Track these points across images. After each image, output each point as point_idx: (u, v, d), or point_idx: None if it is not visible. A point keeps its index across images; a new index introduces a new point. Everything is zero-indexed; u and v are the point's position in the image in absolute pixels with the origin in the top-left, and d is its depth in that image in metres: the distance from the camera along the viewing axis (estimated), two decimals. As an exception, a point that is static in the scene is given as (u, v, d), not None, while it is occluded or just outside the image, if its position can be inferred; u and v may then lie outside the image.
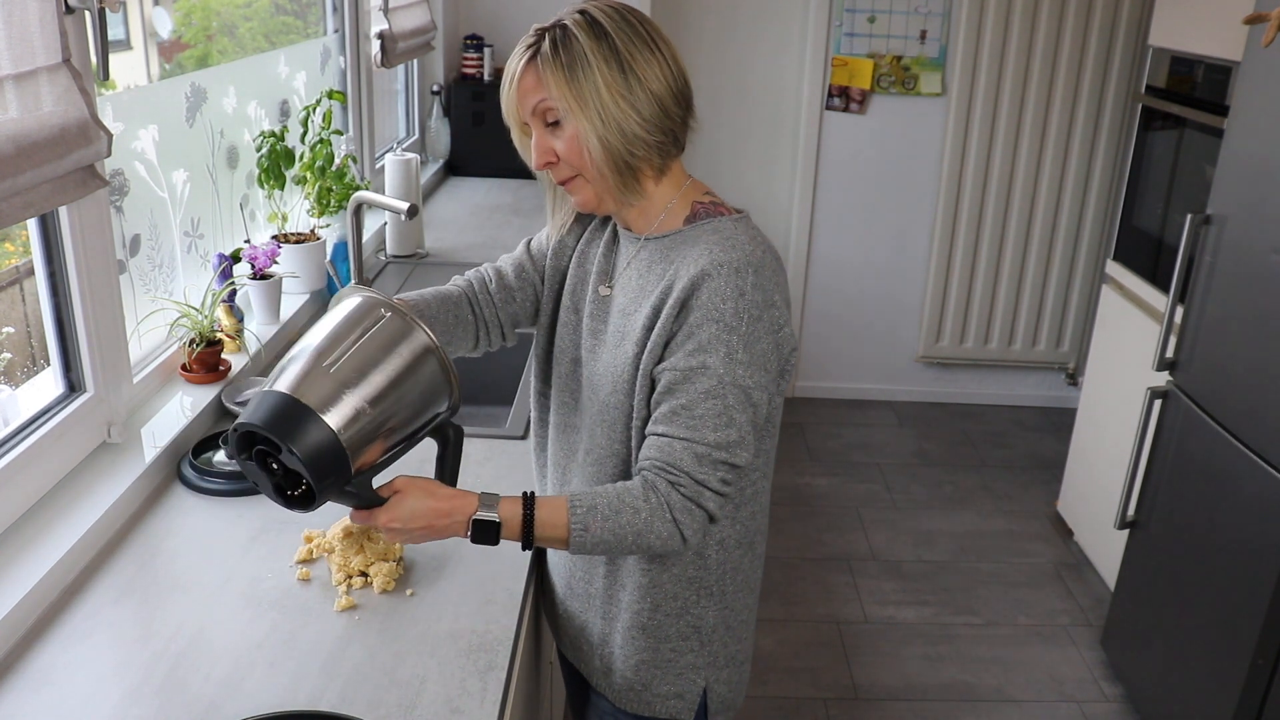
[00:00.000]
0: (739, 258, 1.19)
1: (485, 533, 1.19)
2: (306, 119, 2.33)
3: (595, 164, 1.20)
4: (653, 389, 1.23)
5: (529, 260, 1.45)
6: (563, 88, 1.18)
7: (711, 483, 1.19)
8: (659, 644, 1.35)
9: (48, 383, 1.56)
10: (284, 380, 1.11)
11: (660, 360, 1.21)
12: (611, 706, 1.42)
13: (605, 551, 1.22)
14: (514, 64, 1.22)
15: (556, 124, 1.21)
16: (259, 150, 2.20)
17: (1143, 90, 3.00)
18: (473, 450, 1.72)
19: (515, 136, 1.28)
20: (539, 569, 1.55)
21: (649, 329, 1.22)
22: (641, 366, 1.23)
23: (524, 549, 1.22)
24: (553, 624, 1.52)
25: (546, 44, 1.19)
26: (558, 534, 1.20)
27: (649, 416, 1.23)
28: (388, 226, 2.83)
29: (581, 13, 1.20)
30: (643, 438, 1.24)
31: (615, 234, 1.35)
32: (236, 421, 1.11)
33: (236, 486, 1.59)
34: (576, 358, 1.35)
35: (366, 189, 2.53)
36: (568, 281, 1.38)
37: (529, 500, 1.20)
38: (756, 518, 1.34)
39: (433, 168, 3.57)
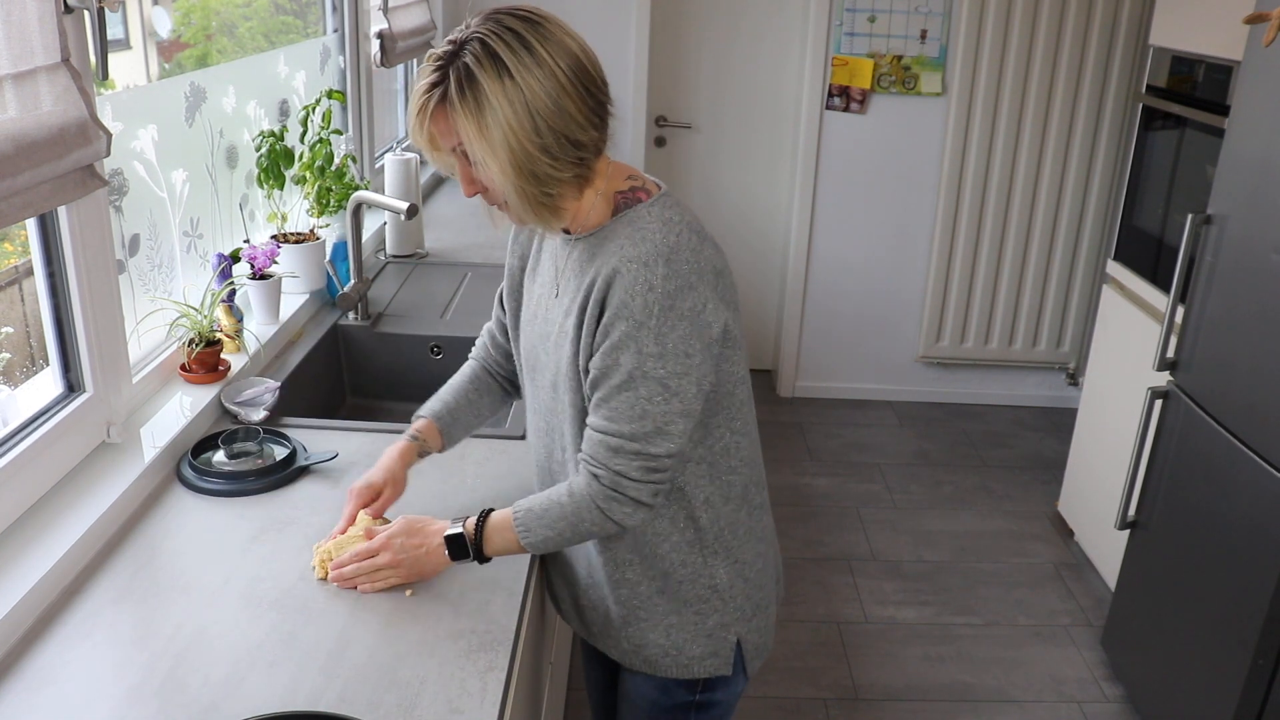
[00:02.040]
0: (647, 250, 1.21)
1: (458, 546, 1.33)
2: (306, 119, 2.32)
3: (514, 206, 1.23)
4: None
5: (503, 311, 1.53)
6: (474, 134, 1.17)
7: (630, 473, 1.24)
8: (681, 607, 1.39)
9: (47, 383, 1.56)
10: None
11: (590, 357, 1.26)
12: (651, 682, 1.44)
13: (557, 546, 1.34)
14: (422, 100, 1.19)
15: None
16: (258, 150, 2.19)
17: (1143, 90, 3.00)
18: (473, 451, 1.72)
19: (428, 156, 1.27)
20: (545, 571, 1.55)
21: (579, 327, 1.27)
22: (580, 364, 1.28)
23: (478, 561, 1.34)
24: (581, 619, 1.52)
25: (453, 86, 1.16)
26: (509, 540, 1.33)
27: None
28: (387, 226, 2.83)
29: (480, 40, 1.16)
30: None
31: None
32: None
33: (236, 486, 1.58)
34: (541, 364, 1.39)
35: (366, 189, 2.53)
36: (524, 296, 1.44)
37: (485, 512, 1.34)
38: (739, 471, 1.37)
39: (432, 168, 3.56)
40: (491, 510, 1.35)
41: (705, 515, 1.35)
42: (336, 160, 2.38)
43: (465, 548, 1.33)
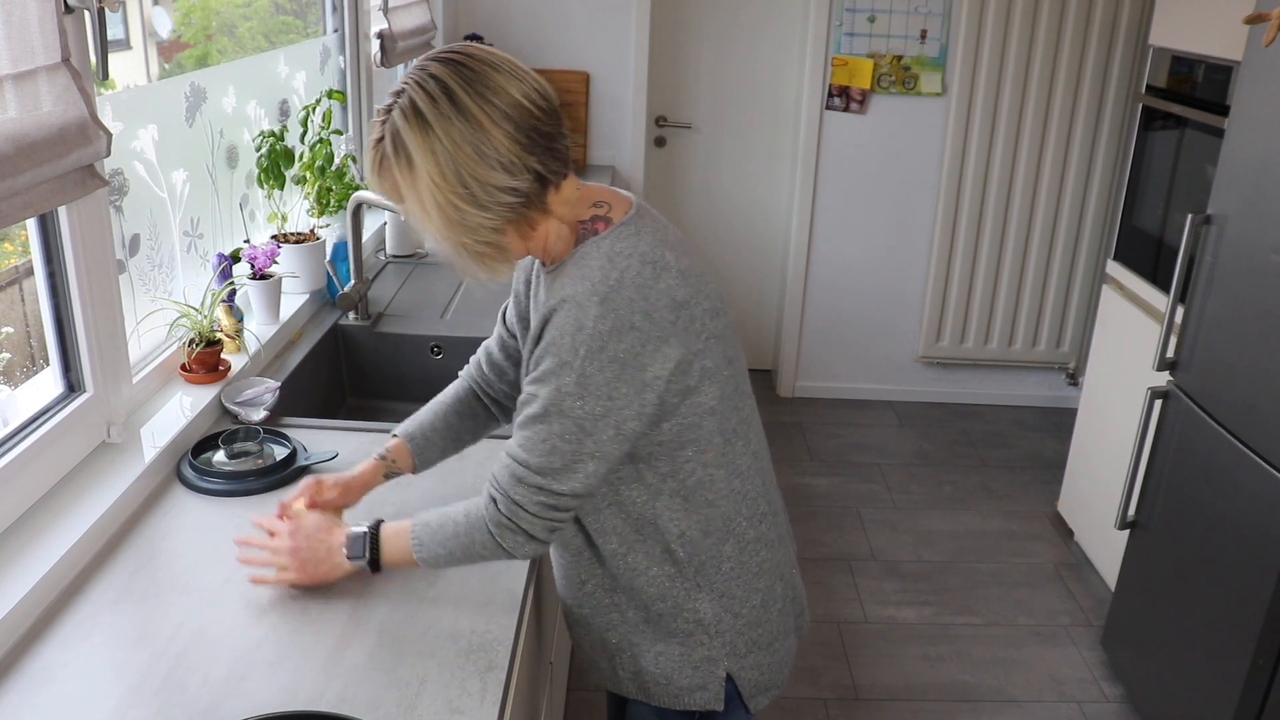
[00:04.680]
0: (584, 289, 1.19)
1: (358, 548, 1.33)
2: (306, 119, 2.32)
3: (455, 261, 1.24)
4: None
5: (505, 330, 1.51)
6: (408, 191, 1.18)
7: (528, 505, 1.23)
8: (667, 637, 1.36)
9: (47, 383, 1.56)
10: None
11: None
12: (649, 709, 1.42)
13: (449, 564, 1.32)
14: (371, 157, 1.21)
15: None
16: (259, 150, 2.20)
17: (1143, 90, 3.00)
18: (477, 451, 1.71)
19: (397, 208, 1.27)
20: (539, 572, 1.55)
21: (527, 360, 1.28)
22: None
23: (372, 569, 1.34)
24: (576, 647, 1.50)
25: (388, 144, 1.18)
26: (405, 551, 1.31)
27: None
28: (387, 226, 2.83)
29: (408, 93, 1.16)
30: None
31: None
32: None
33: (236, 486, 1.59)
34: None
35: (366, 189, 2.53)
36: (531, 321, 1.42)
37: (378, 522, 1.34)
38: (717, 505, 1.32)
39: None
40: (382, 521, 1.35)
41: (681, 550, 1.32)
42: (337, 160, 2.39)
43: (363, 551, 1.33)
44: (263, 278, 2.08)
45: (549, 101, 1.21)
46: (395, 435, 1.51)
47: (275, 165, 2.20)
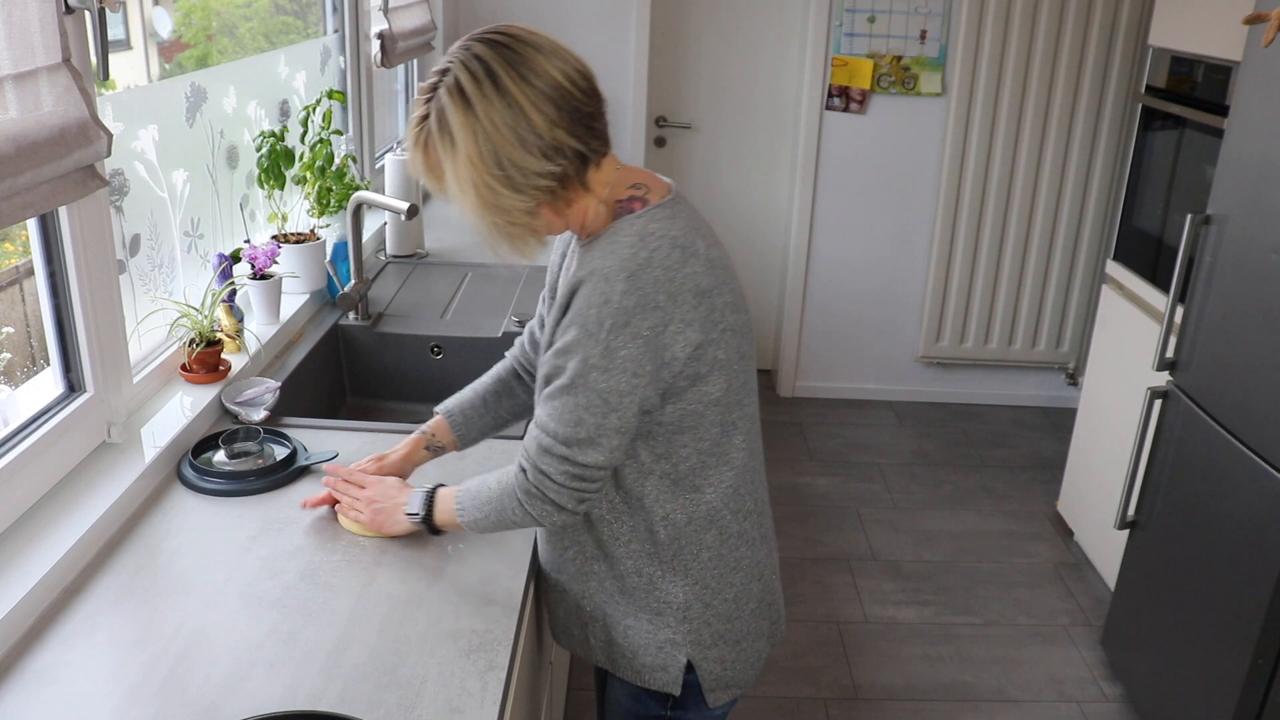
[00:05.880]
0: (613, 264, 1.21)
1: (415, 503, 1.42)
2: (306, 119, 2.33)
3: (485, 238, 1.27)
4: None
5: (545, 310, 1.52)
6: (450, 168, 1.21)
7: (554, 474, 1.26)
8: (637, 612, 1.38)
9: (48, 383, 1.56)
10: None
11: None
12: (627, 688, 1.44)
13: (488, 529, 1.38)
14: (414, 134, 1.24)
15: None
16: (259, 150, 2.20)
17: (1143, 90, 3.00)
18: (475, 450, 1.72)
19: (430, 187, 1.30)
20: (538, 568, 1.56)
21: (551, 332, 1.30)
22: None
23: (429, 530, 1.44)
24: (550, 615, 1.52)
25: (433, 121, 1.20)
26: (451, 515, 1.39)
27: None
28: (387, 226, 2.83)
29: (453, 72, 1.19)
30: None
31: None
32: None
33: (236, 486, 1.59)
34: None
35: (366, 189, 2.53)
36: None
37: (437, 486, 1.43)
38: (705, 492, 1.33)
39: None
40: (441, 485, 1.43)
41: (663, 531, 1.33)
42: (337, 160, 2.39)
43: (420, 509, 1.41)
44: (263, 278, 2.08)
45: (589, 81, 1.24)
46: (436, 412, 1.58)
47: (275, 165, 2.20)
